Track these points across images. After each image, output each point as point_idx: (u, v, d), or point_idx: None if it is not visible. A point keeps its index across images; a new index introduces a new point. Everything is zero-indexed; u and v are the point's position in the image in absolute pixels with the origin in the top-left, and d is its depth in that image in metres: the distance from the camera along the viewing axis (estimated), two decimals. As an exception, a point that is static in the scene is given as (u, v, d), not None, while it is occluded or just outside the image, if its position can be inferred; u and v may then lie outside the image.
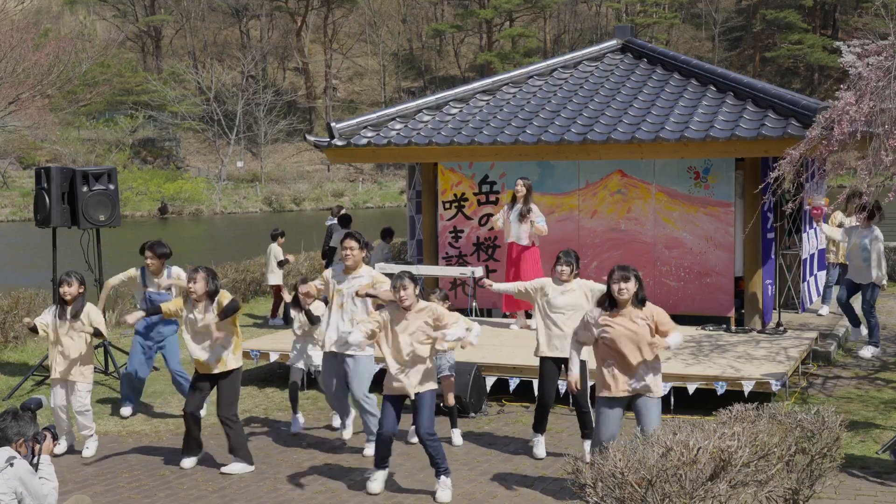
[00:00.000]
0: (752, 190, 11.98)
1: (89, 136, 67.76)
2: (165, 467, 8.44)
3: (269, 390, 11.24)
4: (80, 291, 8.74)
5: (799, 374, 10.73)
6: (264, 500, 7.58)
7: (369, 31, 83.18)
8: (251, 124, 69.56)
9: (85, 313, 8.70)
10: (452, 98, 14.34)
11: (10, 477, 5.28)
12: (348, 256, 8.47)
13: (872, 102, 8.95)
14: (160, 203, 55.90)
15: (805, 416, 6.26)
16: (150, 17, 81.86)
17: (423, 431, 7.48)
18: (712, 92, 13.03)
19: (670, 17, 77.48)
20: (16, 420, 5.51)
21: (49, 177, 11.41)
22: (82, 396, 8.70)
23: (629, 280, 7.10)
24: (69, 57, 52.97)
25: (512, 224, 12.10)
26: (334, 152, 13.76)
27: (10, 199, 56.16)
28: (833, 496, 7.06)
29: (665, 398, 9.56)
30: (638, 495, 5.04)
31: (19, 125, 51.36)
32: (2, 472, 5.26)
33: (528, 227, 12.01)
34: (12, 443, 5.45)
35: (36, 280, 21.09)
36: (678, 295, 12.72)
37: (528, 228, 12.01)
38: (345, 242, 8.51)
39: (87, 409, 8.74)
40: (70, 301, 8.69)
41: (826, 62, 66.85)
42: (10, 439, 5.45)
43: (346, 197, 60.54)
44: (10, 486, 5.27)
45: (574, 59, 15.22)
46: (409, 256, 15.05)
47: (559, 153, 12.61)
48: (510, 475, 8.00)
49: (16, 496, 5.29)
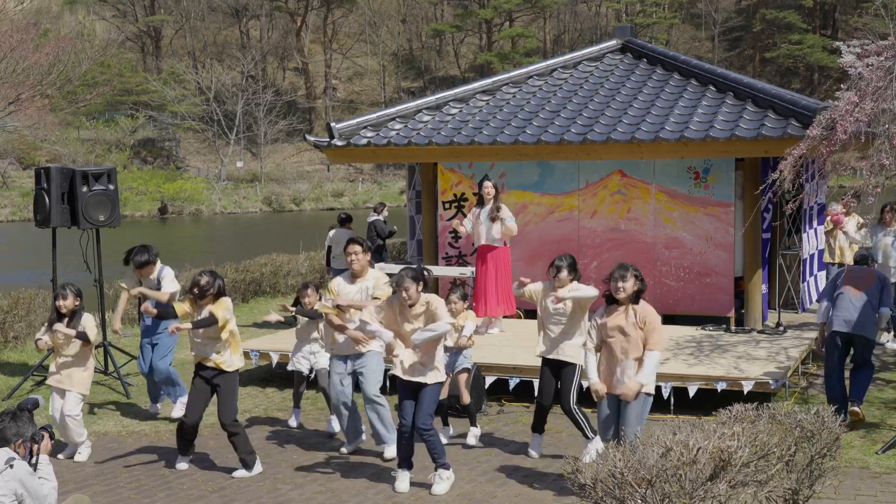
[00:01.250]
0: (752, 190, 11.97)
1: (89, 136, 67.79)
2: (165, 467, 8.44)
3: (269, 390, 11.24)
4: (77, 304, 8.66)
5: (799, 374, 10.73)
6: (264, 500, 7.58)
7: (369, 31, 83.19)
8: (251, 124, 69.58)
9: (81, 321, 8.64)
10: (452, 98, 14.34)
11: (10, 478, 5.28)
12: (354, 262, 8.42)
13: (873, 103, 8.95)
14: (160, 203, 55.91)
15: (805, 416, 6.26)
16: (150, 17, 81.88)
17: (419, 423, 7.49)
18: (712, 92, 13.03)
19: (670, 17, 77.50)
20: (14, 421, 5.51)
21: (49, 177, 11.41)
22: (72, 403, 8.60)
23: (626, 279, 7.18)
24: (69, 57, 52.97)
25: (483, 226, 12.01)
26: (334, 152, 13.76)
27: (9, 199, 56.14)
28: (833, 496, 7.06)
29: (665, 398, 9.59)
30: (638, 495, 5.03)
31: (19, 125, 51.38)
32: (1, 473, 5.26)
33: (499, 226, 11.89)
34: (11, 443, 5.45)
35: (36, 280, 21.10)
36: (678, 295, 12.73)
37: (500, 228, 11.90)
38: (348, 248, 8.45)
39: (76, 415, 8.60)
40: (66, 314, 8.62)
41: (826, 62, 66.86)
42: (9, 440, 5.45)
43: (346, 197, 60.55)
44: (10, 488, 5.27)
45: (574, 60, 15.22)
46: (409, 256, 15.06)
47: (559, 153, 12.61)
48: (510, 475, 8.00)
49: (16, 497, 5.29)
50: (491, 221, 11.92)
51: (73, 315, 8.62)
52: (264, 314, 12.49)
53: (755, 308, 12.41)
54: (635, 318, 7.20)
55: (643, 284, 7.30)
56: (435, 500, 7.45)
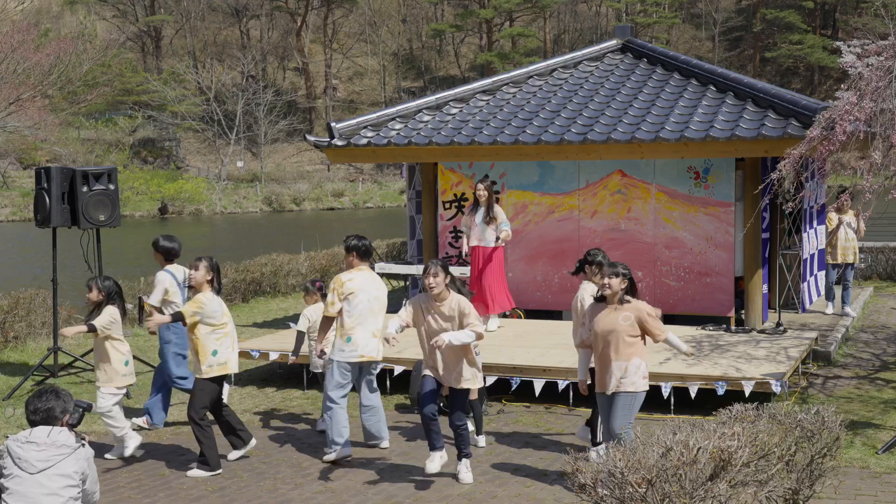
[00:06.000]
0: (753, 190, 11.97)
1: (89, 136, 67.81)
2: (165, 467, 8.44)
3: (269, 390, 11.24)
4: (100, 297, 8.68)
5: (799, 374, 10.73)
6: (264, 500, 7.58)
7: (369, 31, 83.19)
8: (251, 124, 69.58)
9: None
10: (452, 98, 14.35)
11: (82, 457, 5.25)
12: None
13: (873, 103, 8.95)
14: (160, 203, 55.92)
15: (805, 416, 6.26)
16: (150, 17, 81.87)
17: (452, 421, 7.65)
18: (712, 92, 13.03)
19: (670, 17, 77.48)
20: (59, 397, 5.43)
21: (49, 177, 11.40)
22: (102, 399, 8.60)
23: (614, 277, 7.20)
24: (70, 57, 52.99)
25: (478, 228, 12.08)
26: (334, 152, 13.76)
27: (10, 199, 56.13)
28: (833, 496, 7.06)
29: (665, 398, 9.59)
30: (638, 495, 5.03)
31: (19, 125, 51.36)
32: (75, 451, 5.22)
33: (493, 228, 12.02)
34: (59, 420, 5.36)
35: (36, 280, 21.11)
36: (678, 295, 12.73)
37: (494, 230, 12.03)
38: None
39: (108, 410, 8.56)
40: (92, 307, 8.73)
41: (826, 62, 66.84)
42: (58, 417, 5.37)
43: (346, 197, 60.56)
44: (80, 467, 5.23)
45: (574, 59, 15.22)
46: (409, 256, 15.06)
47: (559, 153, 12.61)
48: (510, 475, 8.00)
49: (82, 477, 5.26)
50: (485, 224, 11.98)
51: (98, 308, 8.68)
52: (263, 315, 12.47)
53: (755, 308, 12.41)
54: (629, 318, 7.19)
55: (632, 282, 7.32)
56: (435, 500, 7.46)
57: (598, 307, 7.40)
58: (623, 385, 7.21)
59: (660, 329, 7.28)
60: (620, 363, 7.21)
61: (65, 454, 5.19)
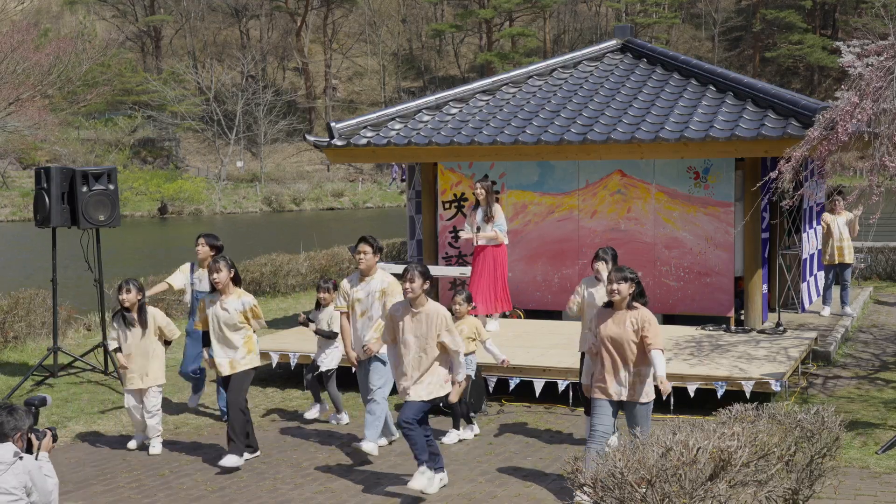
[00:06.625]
0: (752, 190, 11.97)
1: (89, 136, 67.75)
2: (165, 467, 8.44)
3: (269, 390, 11.24)
4: (139, 298, 8.83)
5: (799, 374, 10.73)
6: (264, 500, 7.58)
7: (369, 31, 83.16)
8: (251, 124, 69.53)
9: (151, 317, 8.89)
10: (452, 98, 14.34)
11: (21, 471, 5.29)
12: (362, 261, 8.45)
13: (873, 103, 8.94)
14: (160, 203, 55.86)
15: (805, 416, 6.26)
16: (150, 17, 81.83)
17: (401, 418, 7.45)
18: (712, 92, 13.03)
19: (670, 17, 77.47)
20: (11, 415, 5.49)
21: (49, 177, 11.40)
22: (154, 398, 8.86)
23: (622, 282, 7.10)
24: (69, 57, 52.97)
25: (479, 227, 12.13)
26: (334, 152, 13.76)
27: (9, 199, 56.07)
28: (833, 496, 7.06)
29: (665, 398, 9.59)
30: (638, 495, 5.03)
31: (19, 125, 51.35)
32: (11, 466, 5.26)
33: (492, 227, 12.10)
34: (9, 438, 5.43)
35: (36, 280, 21.10)
36: (678, 295, 12.73)
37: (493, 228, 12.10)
38: (359, 247, 8.52)
39: (158, 411, 8.87)
40: (130, 308, 8.82)
41: (826, 62, 66.84)
42: (7, 434, 5.43)
43: (346, 197, 60.51)
44: (20, 481, 5.28)
45: (574, 59, 15.22)
46: (408, 256, 15.06)
47: (559, 153, 12.61)
48: (510, 475, 8.00)
49: (25, 490, 5.29)
50: (486, 223, 12.01)
51: (140, 309, 8.84)
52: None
53: (755, 308, 12.41)
54: (634, 325, 7.08)
55: (640, 287, 7.19)
56: (435, 500, 7.46)
57: (605, 312, 7.26)
58: (637, 394, 7.14)
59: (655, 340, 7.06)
60: (630, 369, 7.12)
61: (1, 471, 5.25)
